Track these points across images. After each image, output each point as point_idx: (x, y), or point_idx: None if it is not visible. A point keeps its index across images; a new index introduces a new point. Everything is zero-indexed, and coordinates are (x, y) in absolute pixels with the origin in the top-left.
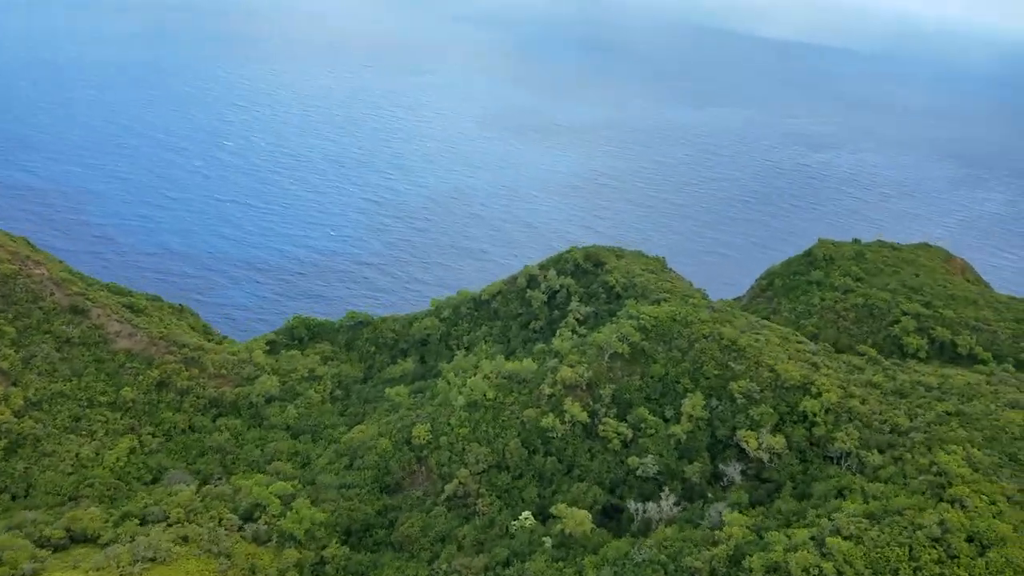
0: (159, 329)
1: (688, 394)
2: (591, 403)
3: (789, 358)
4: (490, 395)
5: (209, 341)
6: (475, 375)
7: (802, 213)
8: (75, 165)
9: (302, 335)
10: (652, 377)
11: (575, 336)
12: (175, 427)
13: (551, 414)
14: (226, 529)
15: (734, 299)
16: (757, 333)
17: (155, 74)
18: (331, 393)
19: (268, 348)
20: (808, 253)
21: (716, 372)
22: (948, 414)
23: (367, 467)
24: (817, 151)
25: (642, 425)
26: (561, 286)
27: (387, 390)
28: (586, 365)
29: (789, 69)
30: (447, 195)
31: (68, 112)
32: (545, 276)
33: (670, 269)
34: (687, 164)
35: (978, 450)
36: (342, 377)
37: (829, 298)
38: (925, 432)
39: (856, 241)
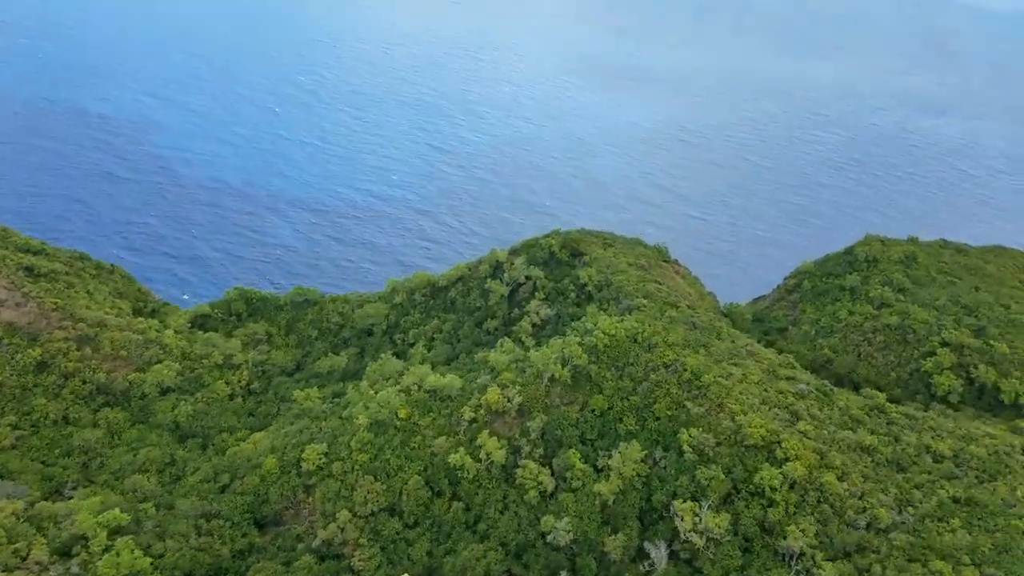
0: (54, 299)
1: (630, 438)
2: (517, 437)
3: (763, 403)
4: (402, 414)
5: (142, 311)
6: (396, 384)
7: (898, 183)
8: (147, 95)
9: (240, 310)
10: (593, 411)
11: (521, 347)
12: (46, 418)
13: (462, 449)
14: (28, 570)
15: (760, 298)
16: (735, 364)
17: (238, 7)
18: (248, 386)
19: (196, 324)
20: (849, 251)
21: (669, 413)
22: (955, 501)
23: (245, 491)
24: (927, 116)
25: (567, 474)
26: (528, 278)
27: (296, 392)
28: (519, 388)
29: (910, 23)
30: (515, 144)
31: (145, 43)
32: (512, 264)
33: (673, 263)
34: (780, 122)
35: (979, 570)
36: (268, 366)
37: (859, 313)
38: (913, 532)
39: (912, 240)
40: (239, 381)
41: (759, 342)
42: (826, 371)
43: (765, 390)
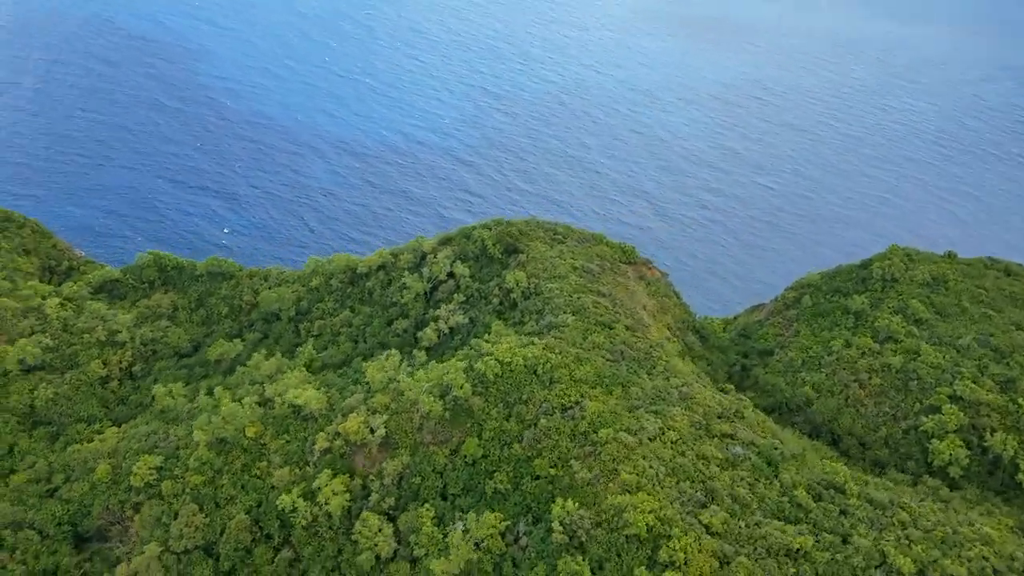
0: None
1: (498, 501)
2: (372, 478)
3: (671, 473)
4: (251, 433)
5: (55, 270)
6: (257, 394)
7: (995, 164)
8: (204, 23)
9: (152, 277)
10: (464, 458)
11: (410, 361)
12: None
13: (296, 489)
14: None
15: (757, 307)
16: (655, 412)
17: None
18: (129, 368)
19: (104, 290)
20: (865, 265)
21: (552, 472)
22: None
23: (70, 499)
24: None
25: (412, 539)
26: (451, 276)
27: (156, 387)
28: (387, 417)
29: None
30: (574, 93)
31: None
32: (435, 258)
33: (643, 264)
34: (870, 88)
35: None
36: (160, 345)
37: (858, 346)
38: None
39: (949, 256)
40: (119, 362)
41: (733, 367)
42: (801, 416)
43: (682, 453)
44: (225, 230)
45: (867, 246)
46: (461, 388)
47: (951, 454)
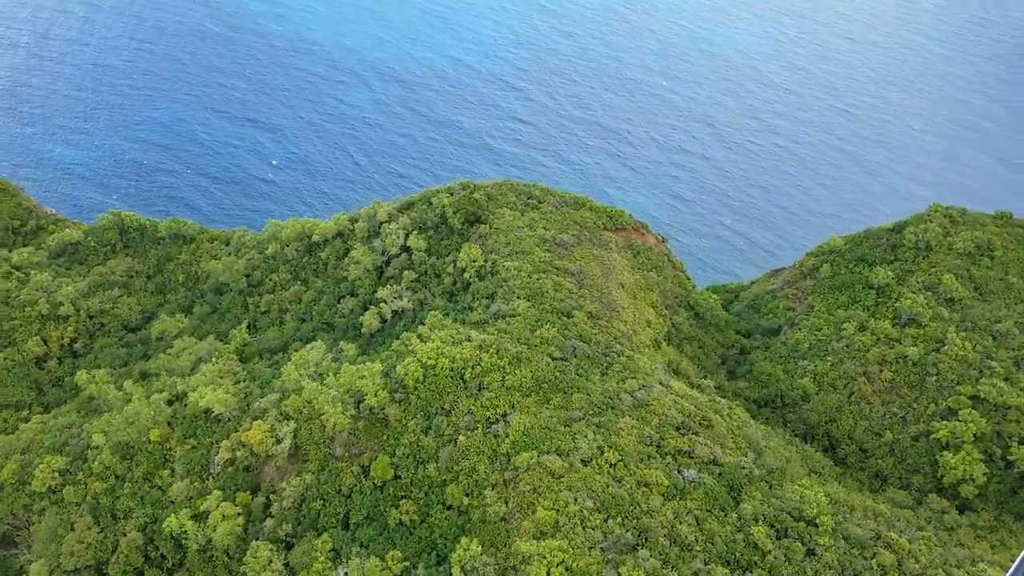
0: None
1: (400, 535)
2: (269, 499)
3: (599, 508)
4: (154, 436)
5: (19, 231)
6: (169, 389)
7: None
8: None
9: (113, 240)
10: (372, 479)
11: (337, 355)
12: None
13: (186, 511)
14: None
15: (777, 271)
16: (596, 427)
17: None
18: (70, 345)
19: (65, 254)
20: (899, 228)
21: (465, 502)
22: None
23: None
24: None
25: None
26: (405, 249)
27: (79, 373)
28: (296, 426)
29: None
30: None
31: None
32: (389, 228)
33: (637, 229)
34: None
35: None
36: (107, 319)
37: (873, 331)
38: None
39: (1002, 217)
40: (60, 339)
41: (731, 348)
42: (794, 414)
43: (619, 480)
44: (273, 162)
45: (951, 179)
46: (375, 396)
47: (965, 469)
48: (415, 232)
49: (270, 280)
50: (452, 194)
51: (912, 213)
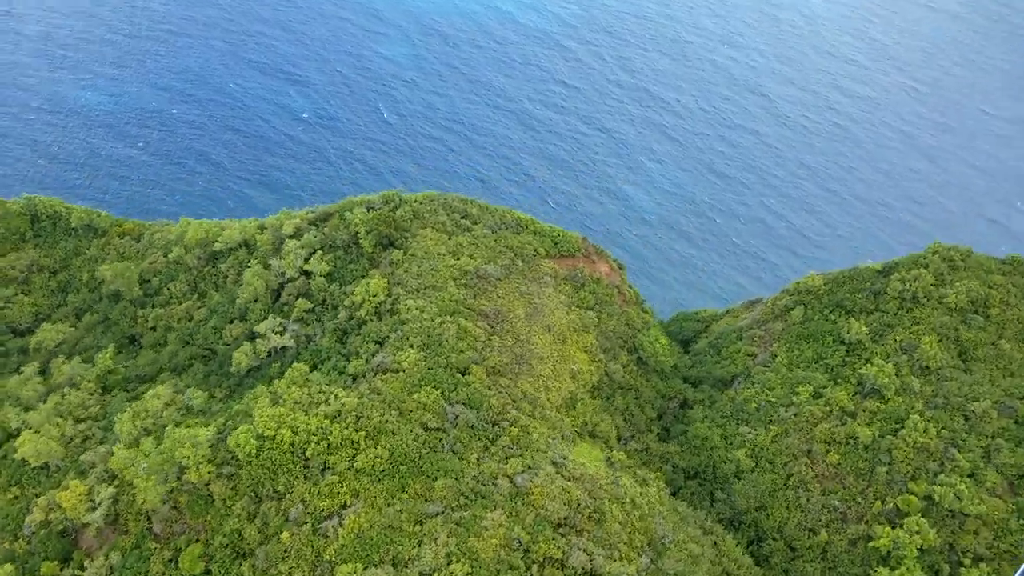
0: None
1: None
2: (79, 571)
3: None
4: None
5: None
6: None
7: None
8: None
9: (23, 228)
10: (180, 573)
11: (186, 402)
12: None
13: None
14: None
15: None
16: (456, 524)
17: None
18: None
19: None
20: (886, 271)
21: None
22: None
23: None
24: None
25: None
26: (306, 273)
27: None
28: (116, 490)
29: None
30: None
31: None
32: (291, 243)
33: (588, 256)
34: None
35: None
36: None
37: (828, 400)
38: None
39: (1013, 263)
40: None
41: (671, 400)
42: (724, 492)
43: None
44: (304, 115)
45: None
46: (198, 472)
47: None
48: (320, 252)
49: (167, 290)
50: (371, 209)
51: (966, 202)
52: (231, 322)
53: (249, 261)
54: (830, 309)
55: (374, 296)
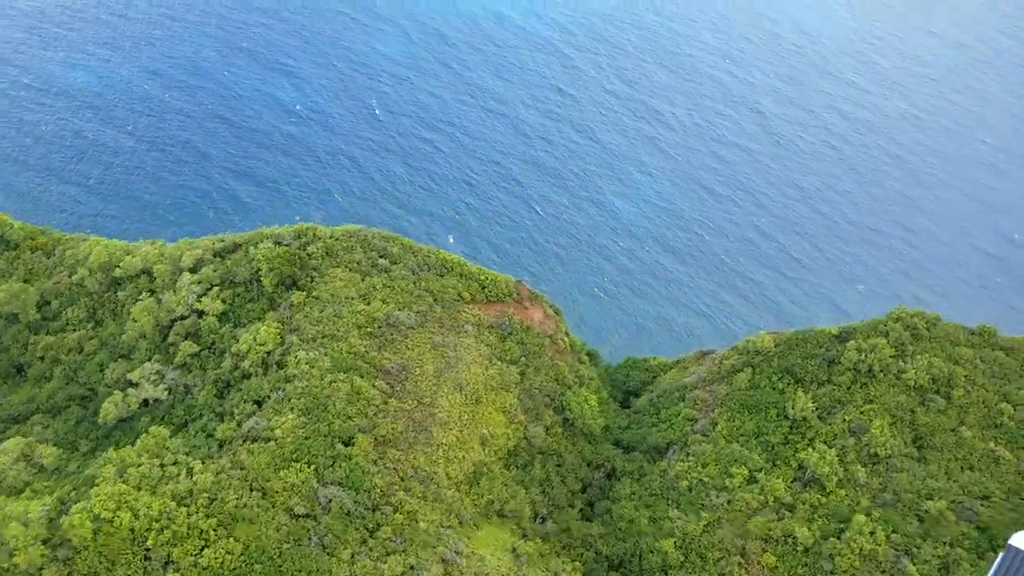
0: None
1: None
2: None
3: None
4: None
5: None
6: None
7: None
8: None
9: None
10: None
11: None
12: None
13: None
14: None
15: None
16: None
17: None
18: None
19: None
20: (842, 336)
21: None
22: None
23: None
24: None
25: None
26: (200, 313)
27: None
28: None
29: None
30: None
31: None
32: (184, 278)
33: (520, 302)
34: None
35: None
36: None
37: (763, 488)
38: None
39: (982, 334)
40: None
41: (599, 469)
42: None
43: None
44: (297, 106)
45: (1008, 203)
46: (26, 554)
47: None
48: (217, 289)
49: (64, 315)
50: (279, 243)
51: (960, 232)
52: (116, 360)
53: (150, 290)
54: (779, 375)
55: (261, 345)
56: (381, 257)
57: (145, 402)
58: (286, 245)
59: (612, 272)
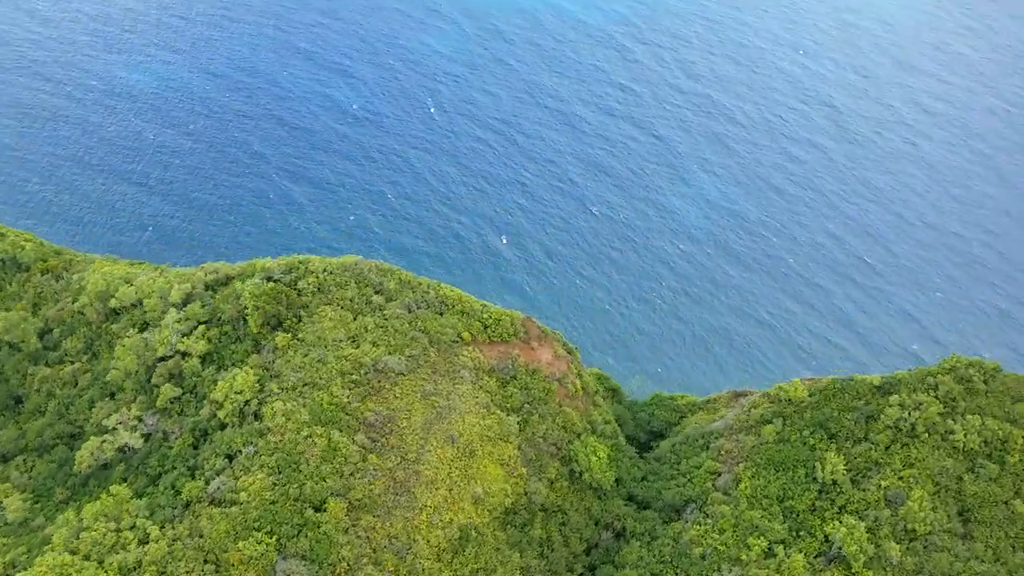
0: None
1: None
2: None
3: None
4: None
5: None
6: None
7: None
8: None
9: None
10: None
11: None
12: None
13: None
14: None
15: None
16: None
17: None
18: None
19: None
20: (883, 388)
21: None
22: None
23: None
24: None
25: None
26: (184, 354)
27: None
28: None
29: None
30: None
31: None
32: (169, 316)
33: (527, 341)
34: None
35: None
36: None
37: (780, 565)
38: None
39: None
40: None
41: (609, 526)
42: None
43: None
44: (354, 106)
45: None
46: None
47: None
48: (203, 328)
49: (63, 345)
50: (269, 279)
51: None
52: (104, 398)
53: (144, 323)
54: (811, 429)
55: (238, 393)
56: (376, 293)
57: (120, 449)
58: (276, 280)
59: (670, 278)
